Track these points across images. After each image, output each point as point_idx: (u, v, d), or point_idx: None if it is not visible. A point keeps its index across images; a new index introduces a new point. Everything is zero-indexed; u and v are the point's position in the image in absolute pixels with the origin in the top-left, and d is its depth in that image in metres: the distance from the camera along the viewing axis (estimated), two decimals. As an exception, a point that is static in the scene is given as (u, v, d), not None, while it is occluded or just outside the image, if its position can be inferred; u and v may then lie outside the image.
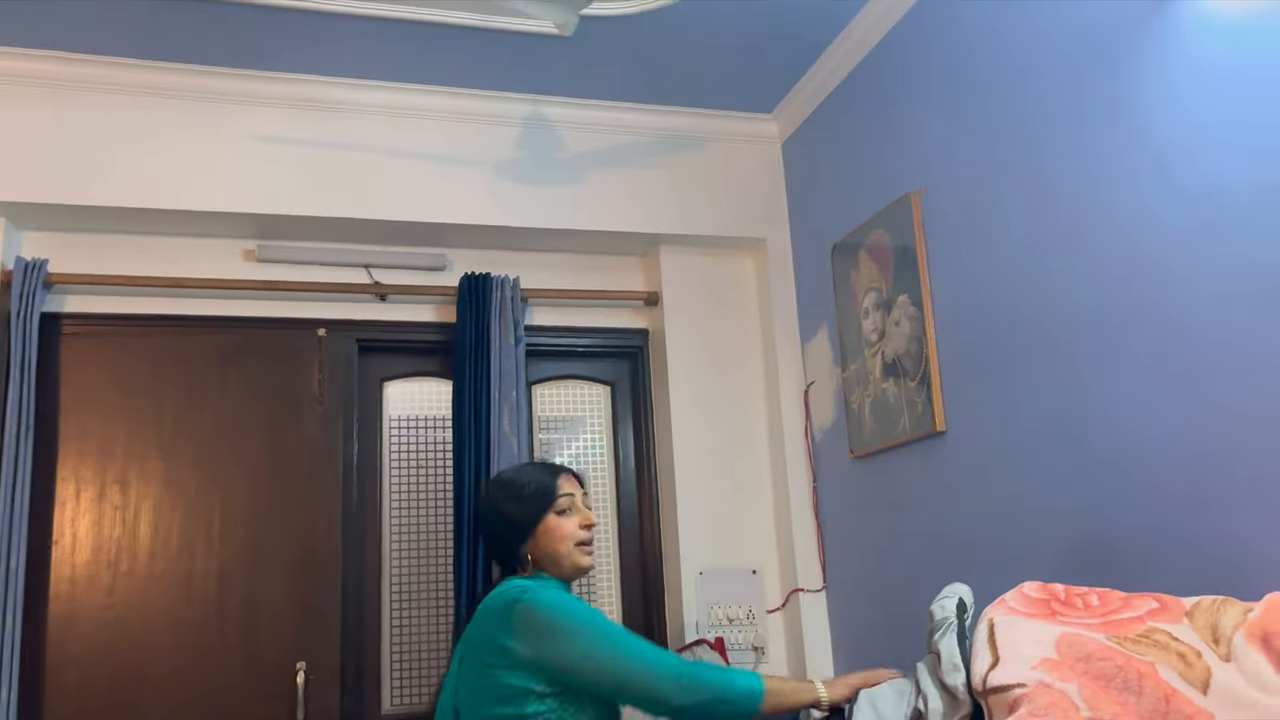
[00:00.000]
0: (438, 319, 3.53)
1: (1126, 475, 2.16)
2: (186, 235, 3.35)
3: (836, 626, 3.36)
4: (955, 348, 2.73)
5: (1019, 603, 1.75)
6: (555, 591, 1.96)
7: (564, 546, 2.02)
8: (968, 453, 2.67)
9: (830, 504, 3.39)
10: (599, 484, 3.71)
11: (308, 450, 3.31)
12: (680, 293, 3.67)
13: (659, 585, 3.57)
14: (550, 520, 2.02)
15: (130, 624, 3.06)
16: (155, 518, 3.15)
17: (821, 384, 3.44)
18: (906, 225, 2.90)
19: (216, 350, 3.32)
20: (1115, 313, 2.19)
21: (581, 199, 3.54)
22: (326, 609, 3.20)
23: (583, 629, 1.89)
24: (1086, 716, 1.41)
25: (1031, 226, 2.45)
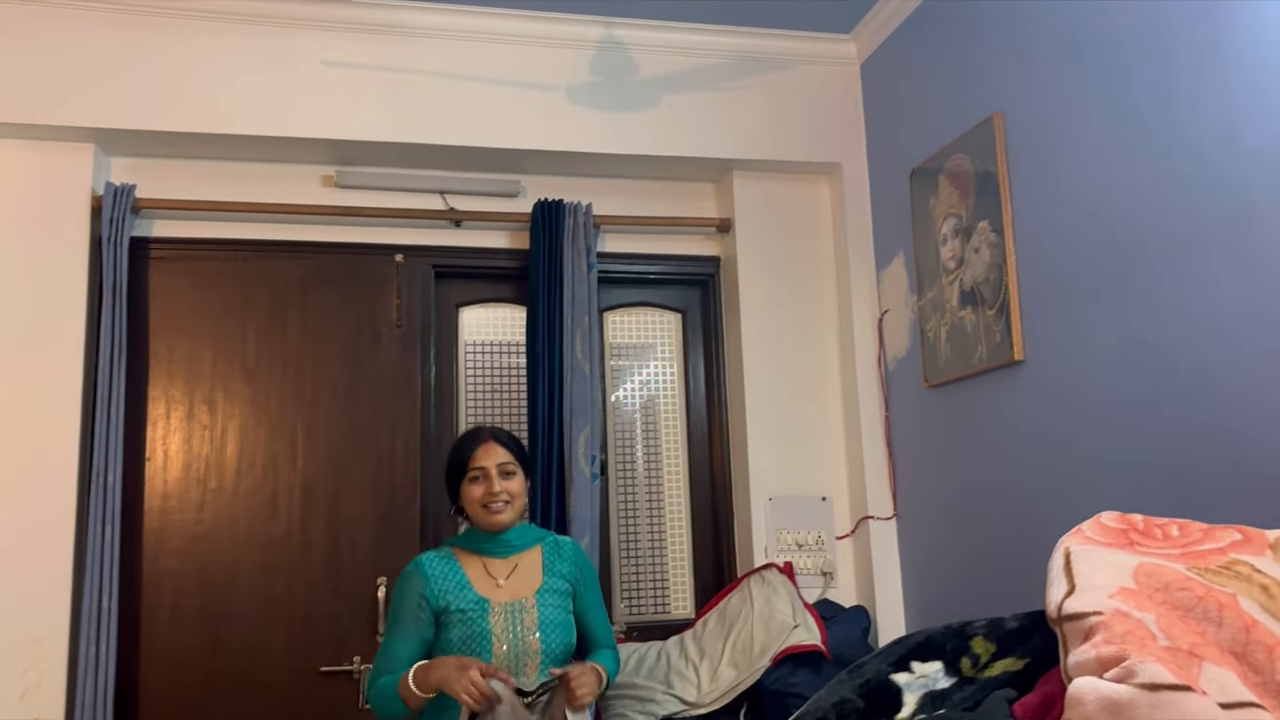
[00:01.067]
0: (511, 245, 3.56)
1: (1209, 406, 2.12)
2: (267, 161, 3.41)
3: (906, 554, 3.37)
4: (1036, 275, 2.68)
5: (1096, 532, 1.73)
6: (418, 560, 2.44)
7: (474, 510, 2.44)
8: (1046, 382, 2.64)
9: (903, 433, 3.38)
10: (669, 411, 3.74)
11: (387, 373, 3.38)
12: (753, 219, 3.64)
13: (728, 511, 3.61)
14: (465, 486, 2.45)
15: (219, 538, 3.19)
16: (241, 437, 3.26)
17: (896, 312, 3.40)
18: (989, 149, 2.83)
19: (298, 274, 3.39)
20: (1200, 240, 2.14)
21: (654, 124, 3.51)
22: (406, 526, 3.30)
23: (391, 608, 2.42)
24: (1164, 645, 1.40)
25: (1117, 152, 2.38)
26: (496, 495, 2.41)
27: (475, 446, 2.45)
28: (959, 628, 1.81)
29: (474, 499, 2.42)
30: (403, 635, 2.35)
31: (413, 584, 2.39)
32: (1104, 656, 1.38)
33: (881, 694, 1.73)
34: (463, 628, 2.34)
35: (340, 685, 3.18)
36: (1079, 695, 1.35)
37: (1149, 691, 1.30)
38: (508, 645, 2.34)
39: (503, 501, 2.42)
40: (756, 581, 3.25)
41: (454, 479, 2.47)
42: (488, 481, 2.41)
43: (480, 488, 2.41)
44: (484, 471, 2.42)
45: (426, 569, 2.41)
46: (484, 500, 2.41)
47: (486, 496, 2.41)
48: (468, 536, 2.49)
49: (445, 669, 2.20)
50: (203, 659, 3.12)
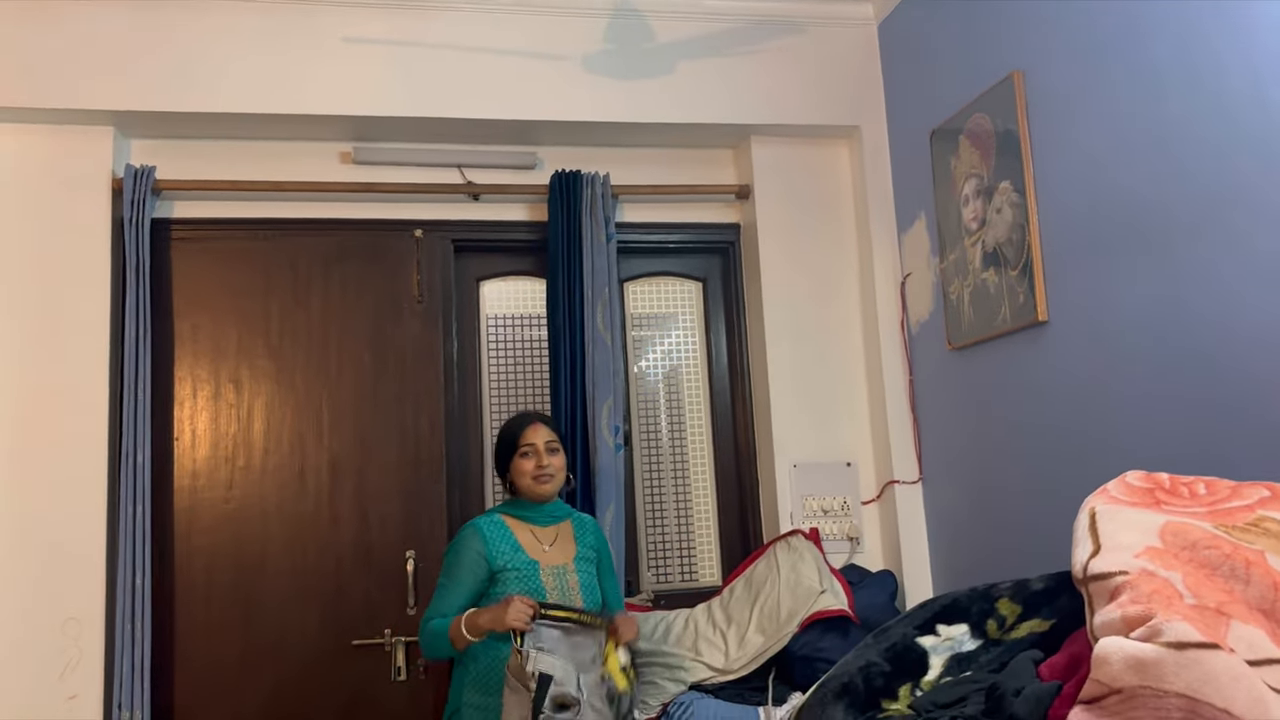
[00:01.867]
0: (530, 218, 3.55)
1: (1234, 365, 2.09)
2: (284, 139, 3.41)
3: (932, 517, 3.36)
4: (1059, 235, 2.65)
5: (1122, 491, 1.72)
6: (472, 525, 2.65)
7: (523, 482, 2.69)
8: (1071, 343, 2.61)
9: (927, 396, 3.36)
10: (691, 379, 3.73)
11: (409, 348, 3.40)
12: (772, 185, 3.62)
13: (753, 478, 3.61)
14: (516, 461, 2.69)
15: (249, 515, 3.23)
16: (267, 415, 3.28)
17: (919, 275, 3.37)
18: (1009, 108, 2.79)
19: (319, 251, 3.40)
20: (1224, 199, 2.10)
21: (670, 91, 3.48)
22: (432, 500, 3.32)
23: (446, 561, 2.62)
24: (1191, 604, 1.39)
25: (1140, 110, 2.34)
26: (545, 469, 2.68)
27: (525, 426, 2.72)
28: (984, 590, 1.81)
29: (525, 471, 2.68)
30: (457, 586, 2.55)
31: (472, 543, 2.60)
32: (1130, 616, 1.38)
33: (908, 657, 1.74)
34: (519, 584, 2.57)
35: (372, 658, 3.22)
36: (1105, 655, 1.34)
37: (1176, 650, 1.30)
38: (555, 597, 2.59)
39: (549, 474, 2.69)
40: (782, 548, 3.26)
41: (505, 454, 2.72)
42: (537, 456, 2.68)
43: (531, 462, 2.68)
44: (534, 448, 2.69)
45: (485, 531, 2.62)
46: (534, 473, 2.68)
47: (536, 470, 2.68)
48: (514, 505, 2.72)
49: (494, 610, 2.42)
50: (236, 634, 3.16)
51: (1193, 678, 1.28)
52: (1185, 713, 1.27)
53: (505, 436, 2.73)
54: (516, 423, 2.75)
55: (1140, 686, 1.31)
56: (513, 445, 2.70)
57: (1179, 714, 1.27)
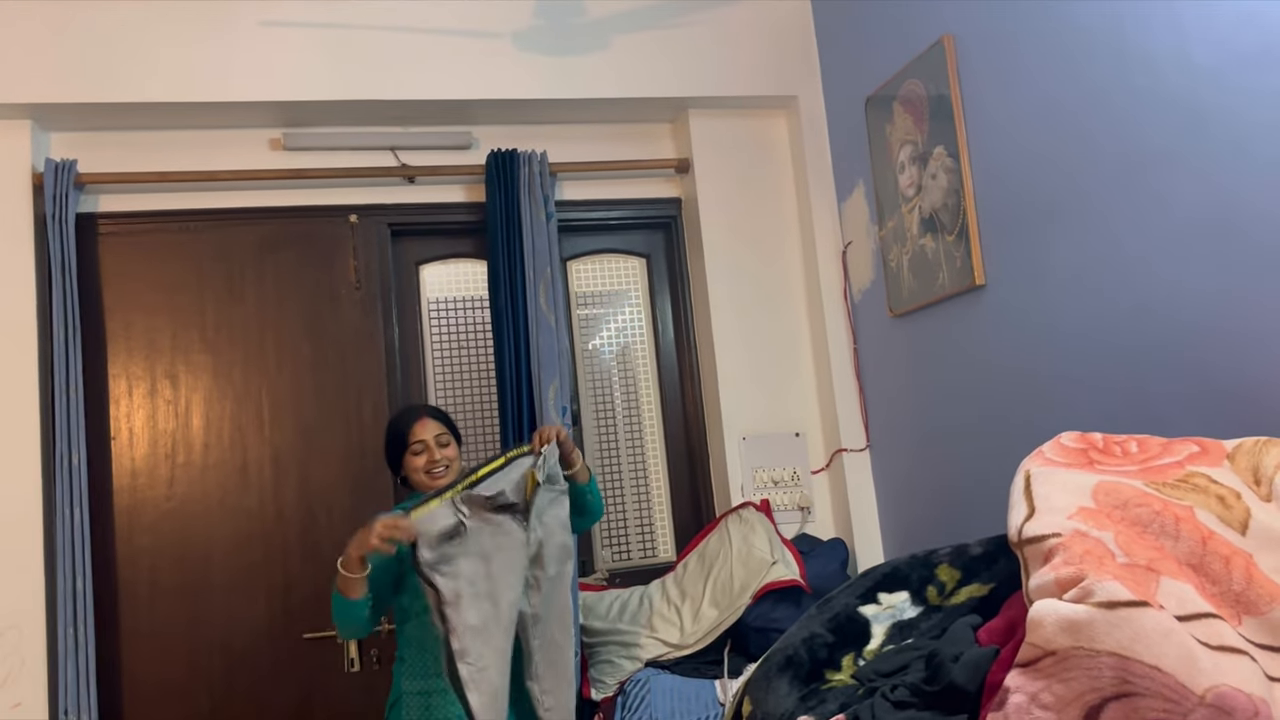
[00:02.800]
0: (468, 199, 3.50)
1: (1165, 322, 2.11)
2: (211, 128, 3.33)
3: (881, 484, 3.38)
4: (993, 199, 2.65)
5: (1056, 453, 1.73)
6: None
7: (416, 477, 2.64)
8: (1008, 306, 2.63)
9: (871, 364, 3.37)
10: (640, 356, 3.72)
11: (349, 336, 3.35)
12: (711, 158, 3.60)
13: (703, 452, 3.61)
14: (407, 458, 2.64)
15: (192, 513, 3.17)
16: (206, 409, 3.22)
17: (859, 243, 3.38)
18: (941, 73, 2.79)
19: (252, 241, 3.34)
20: (1154, 156, 2.12)
21: (605, 66, 3.45)
22: (379, 489, 3.28)
23: None
24: (1122, 563, 1.40)
25: (1068, 70, 2.35)
26: (438, 462, 2.64)
27: (413, 421, 2.67)
28: (924, 556, 1.82)
29: (418, 467, 2.63)
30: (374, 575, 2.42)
31: None
32: (1063, 578, 1.38)
33: (850, 627, 1.74)
34: None
35: (325, 650, 3.18)
36: (1039, 618, 1.35)
37: (1106, 610, 1.31)
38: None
39: (443, 467, 2.65)
40: (734, 521, 3.27)
41: (396, 451, 2.67)
42: (428, 452, 2.64)
43: (422, 458, 2.63)
44: (424, 444, 2.64)
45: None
46: (427, 468, 2.63)
47: (429, 464, 2.63)
48: (415, 499, 2.58)
49: (357, 535, 2.36)
50: (184, 635, 3.11)
51: (1123, 636, 1.29)
52: (1116, 671, 1.28)
53: (393, 433, 2.67)
54: (403, 419, 2.68)
55: (1073, 648, 1.31)
56: (402, 442, 2.64)
57: (1110, 672, 1.28)
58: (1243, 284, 1.92)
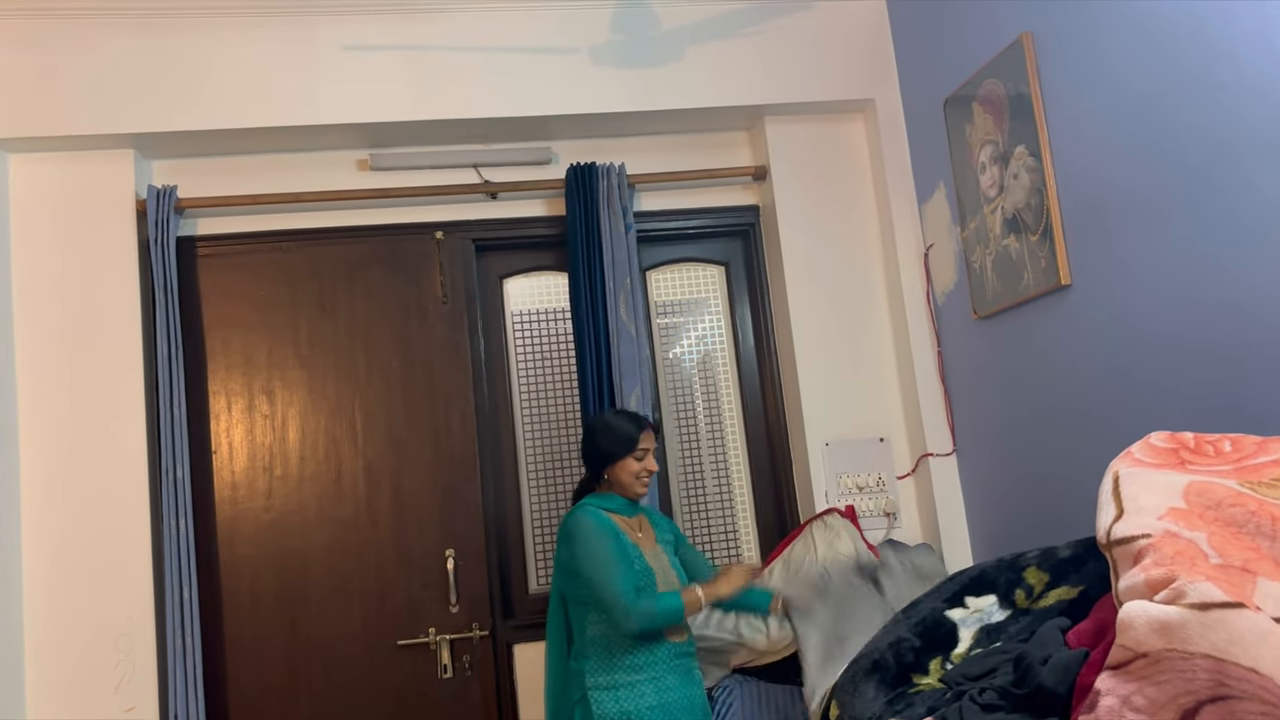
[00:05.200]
0: (548, 213, 3.56)
1: (1257, 320, 2.06)
2: (301, 150, 3.45)
3: (968, 488, 3.34)
4: (1077, 197, 2.61)
5: (1145, 454, 1.71)
6: (584, 512, 2.70)
7: (628, 479, 2.79)
8: (1095, 305, 2.58)
9: (956, 367, 3.34)
10: (721, 364, 3.73)
11: (437, 349, 3.43)
12: (788, 164, 3.60)
13: (786, 458, 3.60)
14: (628, 459, 2.78)
15: (289, 523, 3.28)
16: (301, 423, 3.33)
17: (941, 245, 3.35)
18: (1020, 71, 2.76)
19: (342, 260, 3.44)
20: (1241, 148, 2.06)
21: (680, 77, 3.48)
22: (468, 498, 3.35)
23: (586, 548, 2.63)
24: (1216, 564, 1.38)
25: (1149, 64, 2.31)
26: (652, 474, 2.82)
27: (645, 429, 2.82)
28: (1011, 560, 1.80)
29: (634, 471, 2.79)
30: (623, 564, 2.62)
31: (606, 528, 2.68)
32: (1153, 579, 1.37)
33: (937, 631, 1.74)
34: (637, 564, 2.66)
35: (418, 657, 3.26)
36: (1129, 619, 1.34)
37: (1200, 611, 1.29)
38: (661, 578, 2.70)
39: (651, 479, 2.84)
40: (819, 527, 3.26)
41: (617, 451, 2.78)
42: (648, 460, 2.81)
43: (642, 465, 2.80)
44: (647, 453, 2.81)
45: (604, 519, 2.71)
46: (641, 474, 2.79)
47: (644, 473, 2.80)
48: (603, 499, 2.80)
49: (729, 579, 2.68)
50: (284, 641, 3.22)
51: (1218, 638, 1.27)
52: (1212, 674, 1.26)
53: (622, 435, 2.78)
54: (636, 425, 2.81)
55: (1166, 650, 1.30)
56: (630, 445, 2.77)
57: (1205, 675, 1.27)
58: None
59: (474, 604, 3.30)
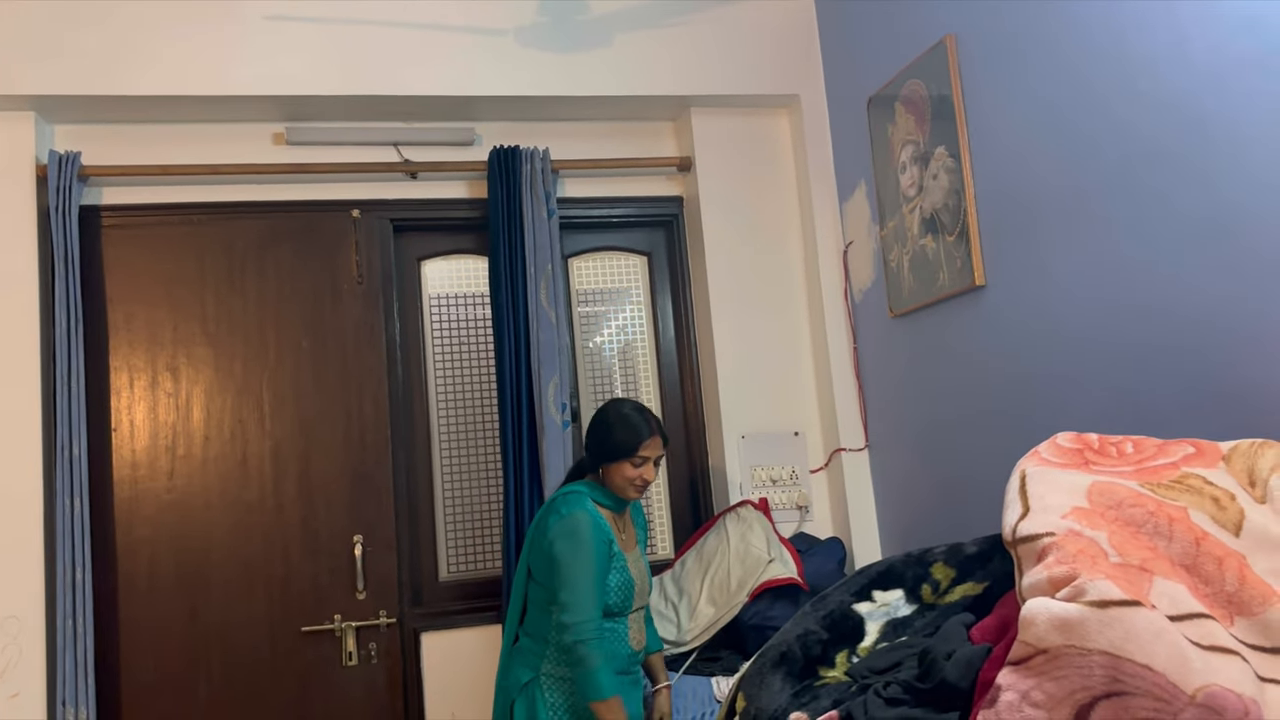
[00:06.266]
0: (470, 195, 3.51)
1: (1163, 323, 2.12)
2: (215, 121, 3.34)
3: (879, 484, 3.39)
4: (994, 199, 2.66)
5: (1051, 453, 1.74)
6: (586, 510, 2.58)
7: (622, 481, 2.65)
8: (1008, 306, 2.63)
9: (871, 363, 3.38)
10: (641, 354, 3.72)
11: (351, 330, 3.35)
12: (714, 157, 3.60)
13: (703, 451, 3.61)
14: (625, 463, 2.63)
15: (192, 505, 3.18)
16: (207, 402, 3.23)
17: (860, 243, 3.38)
18: (942, 73, 2.80)
19: (254, 235, 3.34)
20: (1155, 156, 2.12)
21: (607, 63, 3.45)
22: (379, 483, 3.29)
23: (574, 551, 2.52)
24: (1115, 562, 1.41)
25: (1068, 70, 2.35)
26: (648, 483, 2.69)
27: (650, 436, 2.66)
28: (919, 555, 1.82)
29: (629, 477, 2.65)
30: (597, 585, 2.53)
31: (601, 533, 2.58)
32: (1055, 576, 1.39)
33: (844, 624, 1.75)
34: (618, 575, 2.60)
35: (323, 644, 3.19)
36: (1031, 616, 1.35)
37: (1098, 609, 1.31)
38: (638, 588, 2.66)
39: (647, 488, 2.71)
40: (732, 519, 3.27)
41: (617, 451, 2.64)
42: (646, 469, 2.66)
43: (639, 472, 2.65)
44: (647, 461, 2.67)
45: (599, 520, 2.61)
46: (638, 483, 2.66)
47: (641, 481, 2.66)
48: (598, 492, 2.68)
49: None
50: (182, 626, 3.12)
51: (1115, 635, 1.29)
52: (1108, 670, 1.29)
53: (626, 435, 2.64)
54: (642, 428, 2.65)
55: (1065, 646, 1.32)
56: (631, 449, 2.63)
57: (1102, 671, 1.29)
58: (1241, 286, 1.93)
59: (382, 591, 3.24)
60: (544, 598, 2.63)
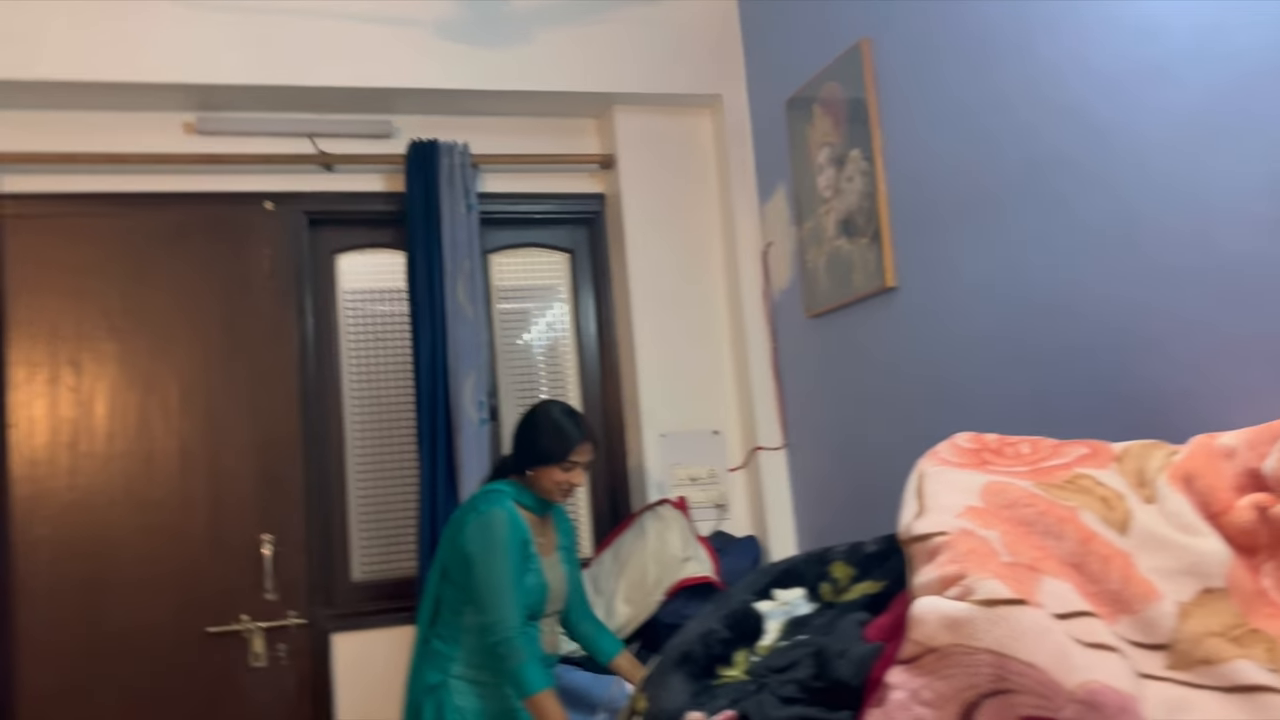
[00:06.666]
0: (387, 188, 3.46)
1: (1065, 326, 2.16)
2: (122, 109, 3.25)
3: (796, 483, 3.41)
4: (906, 203, 2.69)
5: (950, 453, 1.76)
6: (504, 509, 2.54)
7: (550, 485, 2.64)
8: (918, 308, 2.66)
9: (789, 363, 3.40)
10: (564, 352, 3.70)
11: (262, 326, 3.28)
12: (636, 155, 3.59)
13: (622, 448, 3.60)
14: (554, 467, 2.62)
15: (95, 504, 3.09)
16: (111, 398, 3.14)
17: (780, 244, 3.40)
18: (858, 76, 2.82)
19: (163, 227, 3.26)
20: (1057, 162, 2.16)
21: (530, 59, 3.42)
22: (289, 482, 3.22)
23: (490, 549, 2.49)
24: (1005, 562, 1.43)
25: (977, 76, 2.39)
26: (575, 488, 2.68)
27: (582, 442, 2.65)
28: (820, 554, 1.83)
29: (557, 481, 2.64)
30: (515, 583, 2.49)
31: (518, 531, 2.55)
32: (946, 575, 1.40)
33: (745, 623, 1.75)
34: (533, 577, 2.57)
35: (230, 645, 3.12)
36: (921, 615, 1.37)
37: (986, 607, 1.33)
38: (552, 592, 2.64)
39: (574, 492, 2.71)
40: (650, 518, 3.27)
41: (547, 454, 2.62)
42: (574, 474, 2.65)
43: (568, 477, 2.64)
44: (575, 465, 2.65)
45: (518, 520, 2.58)
46: (565, 489, 2.66)
47: (569, 486, 2.66)
48: (521, 494, 2.65)
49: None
50: (83, 626, 3.02)
51: (1001, 634, 1.31)
52: (994, 668, 1.30)
53: (557, 441, 2.62)
54: (574, 434, 2.64)
55: (953, 645, 1.34)
56: (561, 455, 2.61)
57: (988, 669, 1.31)
58: (1139, 291, 1.97)
59: (291, 591, 3.18)
60: (457, 598, 2.60)
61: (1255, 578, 1.53)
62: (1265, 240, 1.70)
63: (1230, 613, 1.46)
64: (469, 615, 2.59)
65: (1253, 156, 1.71)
